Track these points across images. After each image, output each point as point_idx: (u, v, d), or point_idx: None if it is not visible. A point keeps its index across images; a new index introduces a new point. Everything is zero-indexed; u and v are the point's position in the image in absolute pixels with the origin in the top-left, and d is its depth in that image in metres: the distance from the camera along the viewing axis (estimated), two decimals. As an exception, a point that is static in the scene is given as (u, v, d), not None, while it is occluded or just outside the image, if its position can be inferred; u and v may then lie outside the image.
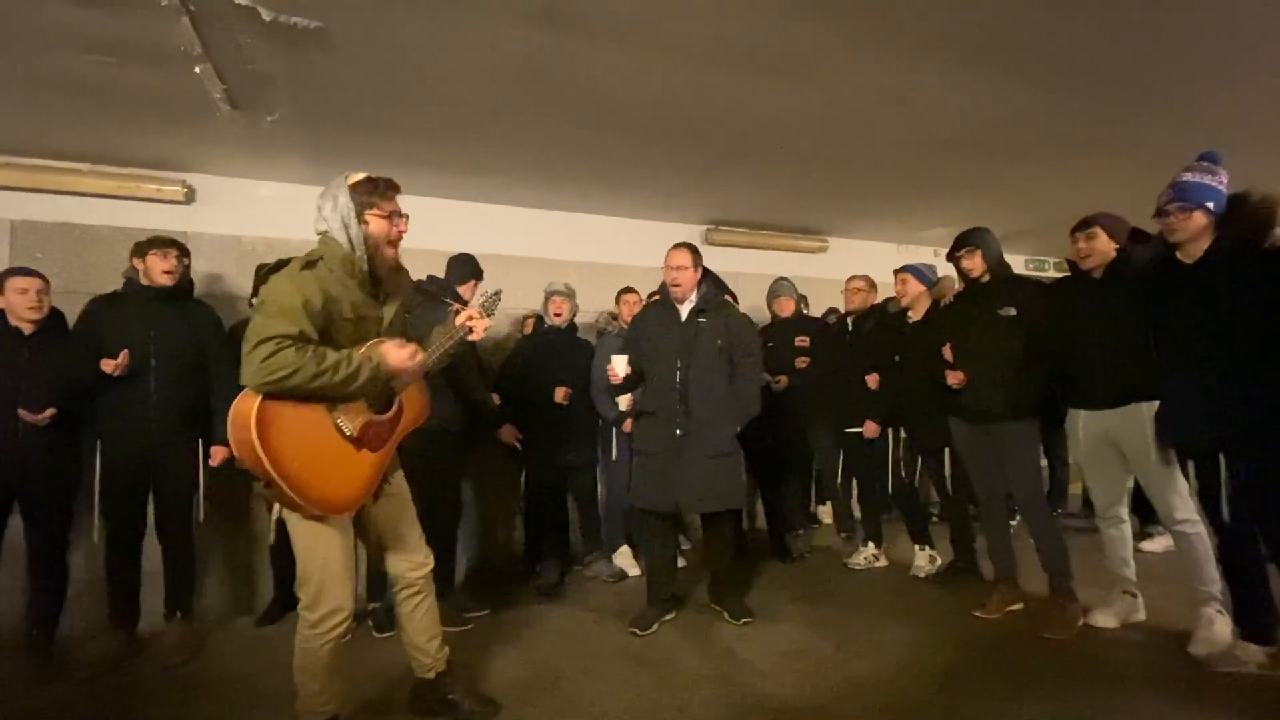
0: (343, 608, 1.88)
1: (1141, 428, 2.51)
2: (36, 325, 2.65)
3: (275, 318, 1.68)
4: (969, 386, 2.91)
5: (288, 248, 3.59)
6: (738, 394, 2.97)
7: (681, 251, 2.99)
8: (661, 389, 2.94)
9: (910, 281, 3.48)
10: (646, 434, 2.99)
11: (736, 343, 2.99)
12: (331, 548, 1.86)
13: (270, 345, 1.64)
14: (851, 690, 2.37)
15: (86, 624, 3.00)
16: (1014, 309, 2.83)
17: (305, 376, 1.67)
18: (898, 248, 5.69)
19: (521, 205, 4.29)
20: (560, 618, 3.16)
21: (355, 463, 1.85)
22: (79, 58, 2.33)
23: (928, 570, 3.56)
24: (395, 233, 1.91)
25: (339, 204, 1.83)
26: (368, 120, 2.95)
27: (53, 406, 2.58)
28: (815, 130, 3.21)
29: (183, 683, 2.60)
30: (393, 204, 1.91)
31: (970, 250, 2.96)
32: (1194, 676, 2.36)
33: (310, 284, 1.75)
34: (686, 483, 2.86)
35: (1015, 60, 2.58)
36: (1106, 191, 3.59)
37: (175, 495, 2.87)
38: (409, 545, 2.10)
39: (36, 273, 2.69)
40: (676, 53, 2.45)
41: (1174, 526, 2.55)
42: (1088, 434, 2.73)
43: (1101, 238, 2.63)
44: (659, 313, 3.11)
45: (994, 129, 3.24)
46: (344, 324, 1.84)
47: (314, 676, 1.89)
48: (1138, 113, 3.09)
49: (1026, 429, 2.86)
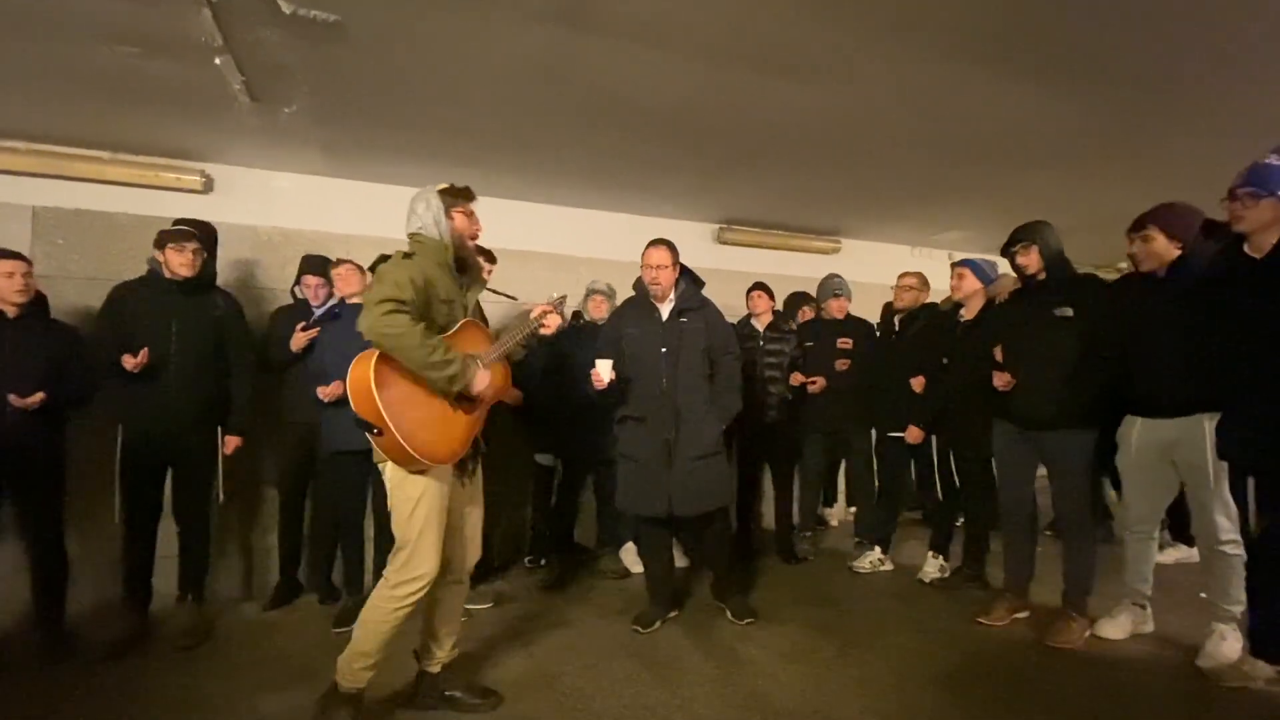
0: (431, 572, 2.02)
1: (1203, 441, 2.36)
2: (20, 309, 2.63)
3: (392, 286, 1.91)
4: (1019, 390, 2.76)
5: (302, 238, 3.68)
6: (720, 393, 2.94)
7: (660, 249, 2.89)
8: (648, 393, 2.86)
9: (967, 277, 3.28)
10: (633, 440, 2.90)
11: (717, 341, 2.94)
12: (432, 513, 2.01)
13: (390, 304, 1.87)
14: (853, 693, 2.37)
15: (99, 604, 3.06)
16: (1071, 309, 2.65)
17: (411, 343, 1.88)
18: (912, 250, 5.65)
19: (533, 200, 4.31)
20: (564, 612, 3.17)
21: (453, 419, 2.06)
22: (104, 48, 2.37)
23: (934, 576, 3.54)
24: (473, 230, 2.23)
25: (431, 204, 2.11)
26: (383, 114, 2.97)
27: (40, 390, 2.57)
28: (831, 131, 3.19)
29: (193, 664, 2.64)
30: (471, 205, 2.21)
31: (1026, 245, 2.77)
32: (1200, 690, 2.33)
33: (413, 268, 1.99)
34: (677, 485, 2.82)
35: (1037, 61, 2.53)
36: (1130, 194, 3.51)
37: (193, 481, 2.92)
38: (474, 535, 2.26)
39: (20, 255, 2.66)
40: (692, 52, 2.44)
41: (1219, 546, 2.43)
42: (1141, 443, 2.58)
43: (1159, 240, 2.43)
44: (637, 313, 2.99)
45: (1015, 130, 3.20)
46: (439, 305, 2.06)
47: (374, 639, 2.00)
48: (1162, 113, 3.02)
49: (1080, 439, 2.69)
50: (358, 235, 3.74)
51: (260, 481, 3.56)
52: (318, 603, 3.28)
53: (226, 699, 2.36)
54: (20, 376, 2.57)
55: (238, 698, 2.36)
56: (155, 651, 2.74)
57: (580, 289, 4.34)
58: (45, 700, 2.35)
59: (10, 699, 2.37)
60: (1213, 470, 2.37)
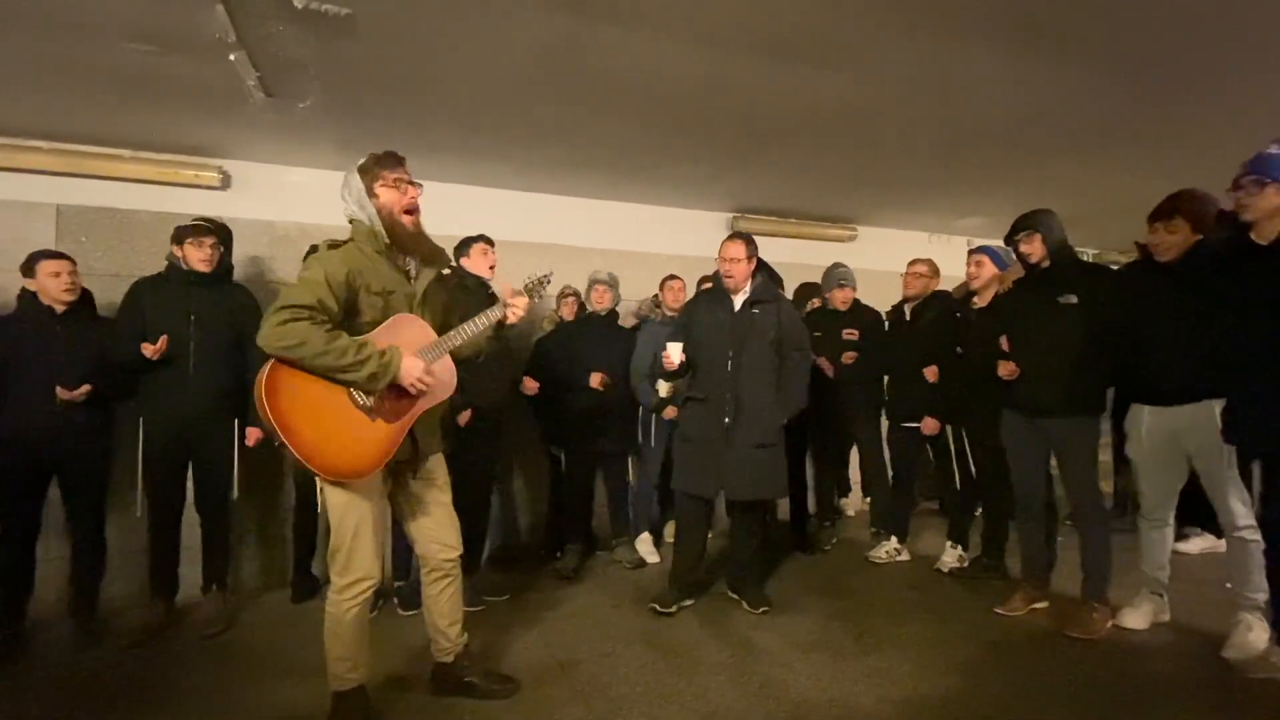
0: (369, 576, 1.97)
1: (1213, 428, 2.36)
2: (67, 305, 2.74)
3: (299, 290, 1.79)
4: (1023, 379, 2.78)
5: (319, 232, 3.68)
6: (786, 386, 2.99)
7: (736, 243, 2.99)
8: (712, 377, 2.96)
9: (986, 264, 3.27)
10: (693, 420, 3.01)
11: (787, 335, 3.00)
12: (363, 518, 1.95)
13: (287, 313, 1.75)
14: (869, 682, 2.37)
15: (128, 594, 3.15)
16: (1075, 297, 2.67)
17: (312, 351, 1.75)
18: (929, 237, 5.57)
19: (547, 192, 4.30)
20: (580, 602, 3.20)
21: (369, 432, 1.88)
22: (121, 46, 2.39)
23: (952, 565, 3.51)
24: (406, 199, 1.98)
25: (352, 186, 1.96)
26: (396, 107, 2.98)
27: (88, 383, 2.68)
28: (847, 116, 3.14)
29: (218, 652, 2.71)
30: (397, 172, 1.98)
31: (1029, 234, 2.79)
32: (1225, 681, 2.30)
33: (333, 261, 1.85)
34: (731, 470, 2.89)
35: (1059, 43, 2.47)
36: (1151, 180, 3.44)
37: (213, 473, 2.98)
38: (441, 529, 2.16)
39: (64, 255, 2.77)
40: (706, 38, 2.41)
41: (1235, 533, 2.43)
42: (1151, 431, 2.59)
43: (1184, 230, 2.43)
44: (710, 302, 3.11)
45: (1034, 114, 3.13)
46: (372, 298, 1.91)
47: (341, 642, 1.98)
48: (1188, 97, 2.94)
49: (1085, 426, 2.71)
50: (374, 229, 3.76)
51: (281, 473, 3.61)
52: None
53: (250, 686, 2.41)
54: (67, 370, 2.66)
55: (262, 685, 2.41)
56: (181, 640, 2.81)
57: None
58: (78, 686, 2.42)
59: (45, 684, 2.44)
60: (1226, 455, 2.37)
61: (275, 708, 2.26)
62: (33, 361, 2.65)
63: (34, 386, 2.63)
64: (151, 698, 2.33)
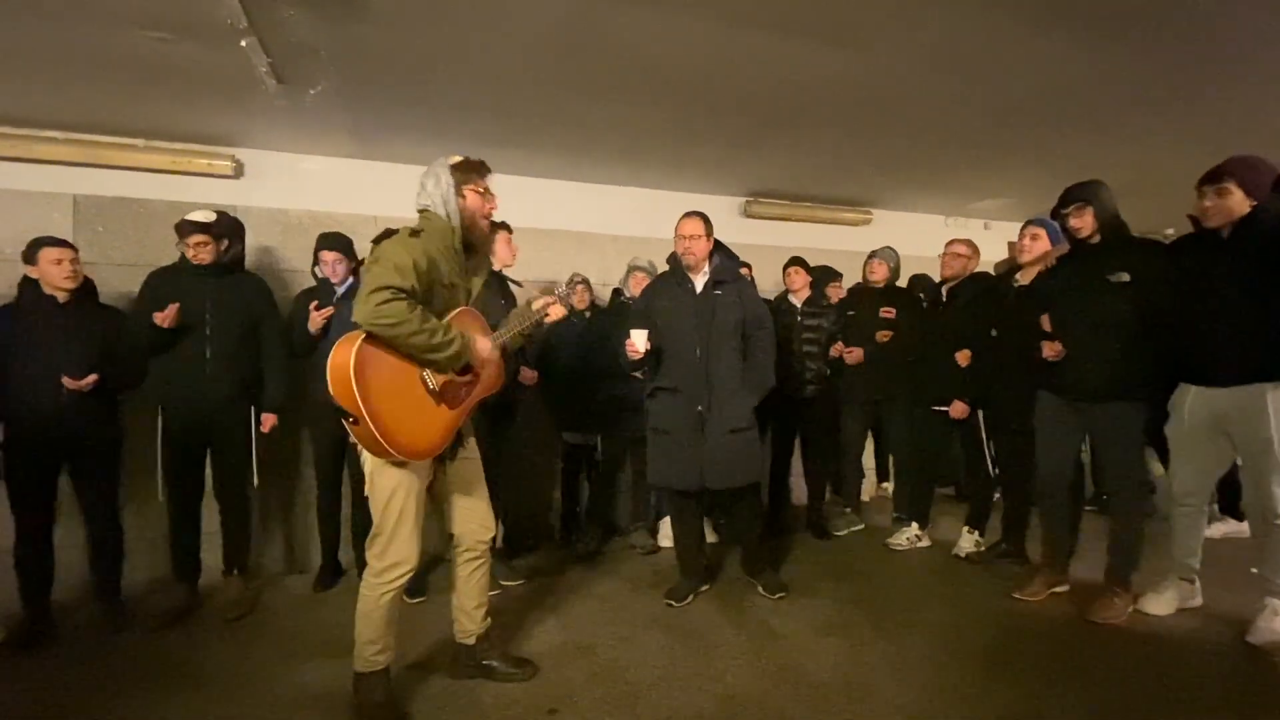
0: (406, 562, 2.00)
1: (1262, 413, 2.26)
2: (71, 293, 2.73)
3: (392, 271, 1.83)
4: (1068, 361, 2.64)
5: (332, 221, 3.72)
6: (753, 367, 2.91)
7: (694, 220, 2.88)
8: (681, 365, 2.85)
9: (1042, 237, 3.05)
10: (665, 412, 2.90)
11: (750, 315, 2.92)
12: (408, 503, 1.99)
13: (387, 293, 1.80)
14: (887, 667, 2.36)
15: (151, 580, 3.20)
16: (1127, 274, 2.51)
17: (409, 330, 1.82)
18: (946, 220, 5.49)
19: (558, 178, 4.27)
20: (597, 586, 3.21)
21: (434, 415, 1.98)
22: (134, 34, 2.39)
23: (969, 550, 3.48)
24: (487, 208, 2.10)
25: (441, 181, 2.01)
26: (407, 93, 2.97)
27: (93, 372, 2.67)
28: (863, 95, 3.09)
29: (241, 634, 2.74)
30: (485, 182, 2.09)
31: (1080, 206, 2.61)
32: (1250, 666, 2.27)
33: (417, 249, 1.91)
34: (710, 459, 2.81)
35: (1079, 14, 2.39)
36: (1179, 156, 3.36)
37: (231, 459, 3.00)
38: (478, 511, 2.22)
39: (67, 242, 2.75)
40: (717, 16, 2.37)
41: (1275, 520, 2.34)
42: (1194, 412, 2.48)
43: (1235, 195, 2.27)
44: (670, 285, 2.99)
45: (1056, 90, 3.05)
46: (441, 290, 1.99)
47: (372, 625, 2.01)
48: (1213, 67, 2.84)
49: (1131, 410, 2.58)
50: (386, 217, 3.74)
51: (299, 460, 3.64)
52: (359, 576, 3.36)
53: (273, 668, 2.44)
54: (73, 360, 2.67)
55: (283, 667, 2.44)
56: (204, 623, 2.85)
57: (605, 267, 4.33)
58: (104, 667, 2.46)
59: (71, 666, 2.49)
60: (1276, 440, 2.26)
61: (298, 688, 2.29)
62: (37, 351, 2.65)
63: (39, 376, 2.63)
64: (176, 678, 2.37)
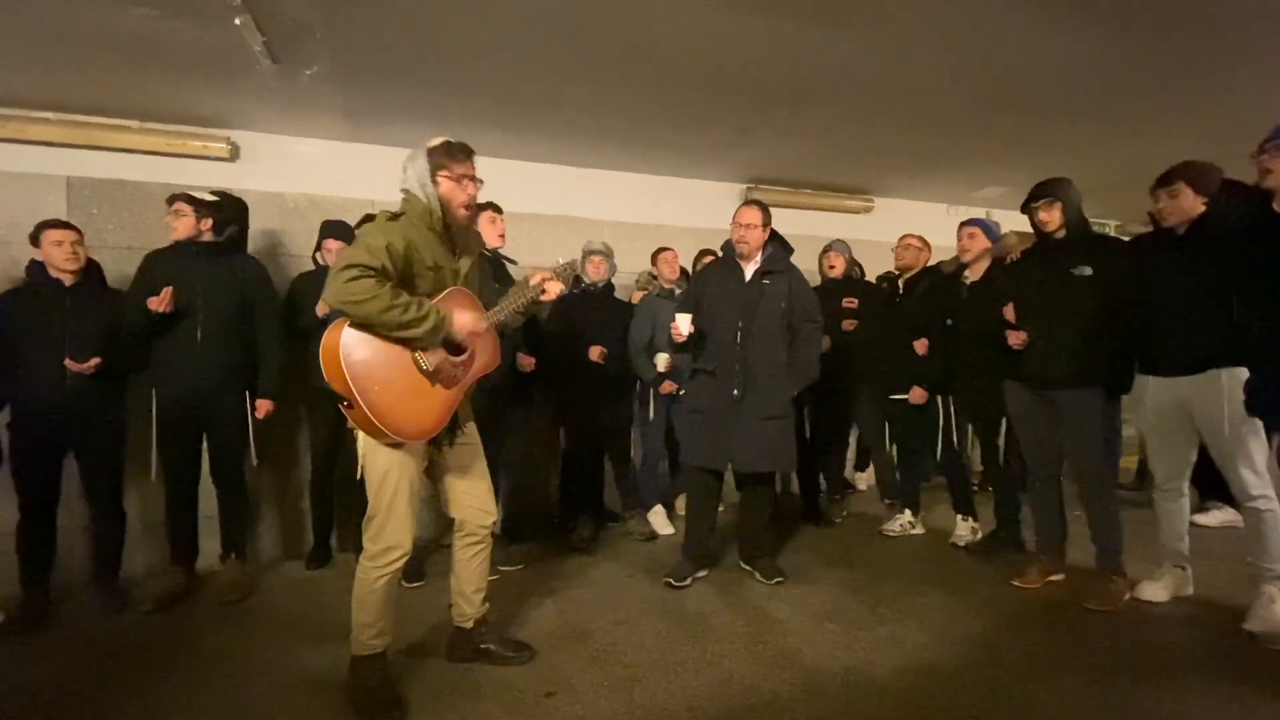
0: (399, 546, 2.00)
1: (1219, 397, 2.36)
2: (76, 276, 2.74)
3: (362, 251, 1.84)
4: (1033, 349, 2.76)
5: (328, 204, 3.69)
6: (797, 358, 2.96)
7: (752, 209, 2.95)
8: (720, 348, 2.92)
9: (978, 236, 3.30)
10: (701, 392, 2.98)
11: (799, 306, 2.96)
12: (401, 486, 1.98)
13: (355, 270, 1.79)
14: (884, 652, 2.36)
15: (149, 564, 3.20)
16: (1090, 268, 2.65)
17: (379, 306, 1.79)
18: (948, 208, 5.46)
19: (557, 163, 4.24)
20: (594, 572, 3.21)
21: (429, 396, 1.97)
22: (125, 11, 2.35)
23: (968, 539, 3.49)
24: (464, 195, 2.04)
25: (417, 165, 1.99)
26: (403, 75, 2.93)
27: (97, 356, 2.67)
28: (864, 82, 3.06)
29: (237, 618, 2.75)
30: (464, 167, 2.03)
31: (1049, 202, 2.74)
32: (1245, 653, 2.27)
33: (394, 232, 1.91)
34: (741, 442, 2.88)
35: (1086, 4, 2.37)
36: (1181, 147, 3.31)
37: (227, 443, 2.99)
38: (478, 494, 2.22)
39: (70, 224, 2.75)
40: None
41: (1249, 502, 2.41)
42: (1157, 402, 2.58)
43: (1186, 195, 2.42)
44: (720, 271, 3.07)
45: (1060, 79, 3.02)
46: (425, 272, 1.97)
47: (368, 609, 2.01)
48: (1217, 59, 2.83)
49: (1091, 397, 2.70)
50: (383, 200, 3.72)
51: (296, 445, 3.63)
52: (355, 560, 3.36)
53: (270, 651, 2.44)
54: (77, 342, 2.66)
55: (281, 650, 2.44)
56: (202, 606, 2.85)
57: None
58: (102, 650, 2.46)
59: (69, 648, 2.49)
60: (1229, 424, 2.35)
61: (295, 670, 2.29)
62: (43, 334, 2.66)
63: (45, 359, 2.64)
64: (174, 660, 2.37)
